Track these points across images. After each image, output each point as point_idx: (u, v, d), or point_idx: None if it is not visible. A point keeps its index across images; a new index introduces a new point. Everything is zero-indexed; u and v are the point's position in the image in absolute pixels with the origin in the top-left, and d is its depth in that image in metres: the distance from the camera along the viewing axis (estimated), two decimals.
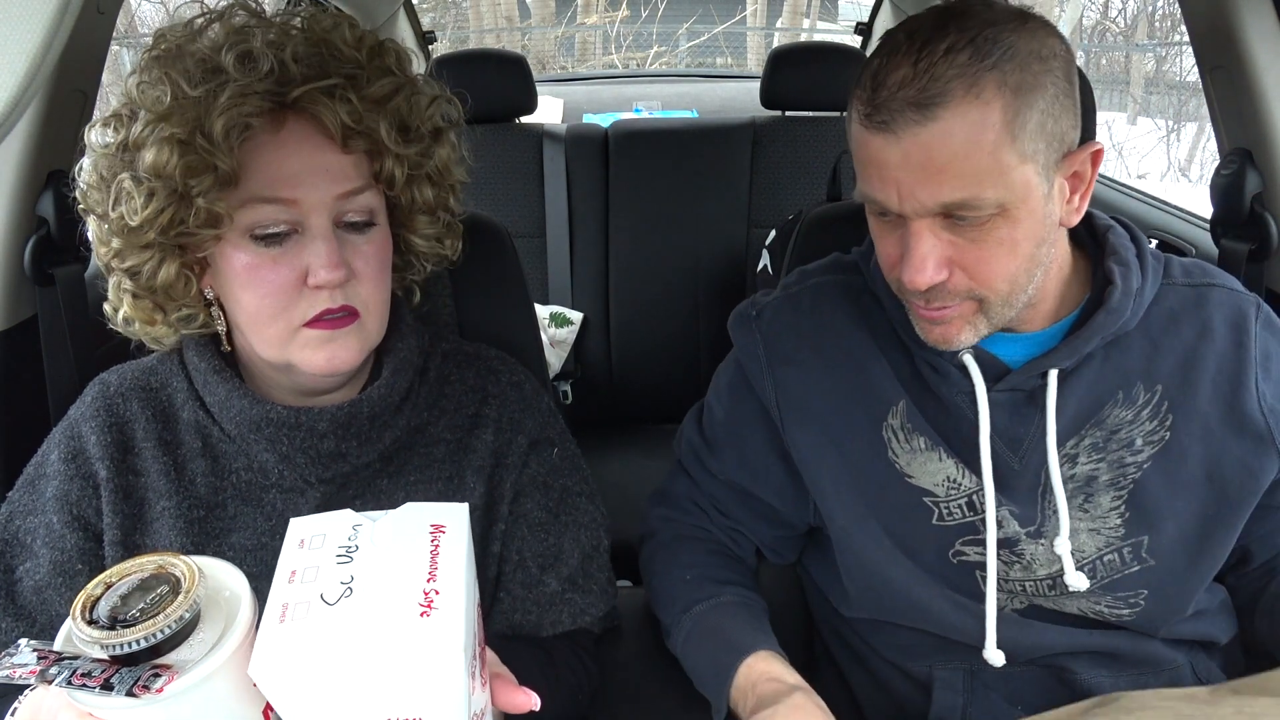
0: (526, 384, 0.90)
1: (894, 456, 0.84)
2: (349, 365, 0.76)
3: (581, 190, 2.12)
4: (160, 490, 0.78)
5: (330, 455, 0.78)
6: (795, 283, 0.93)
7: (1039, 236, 0.73)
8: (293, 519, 0.53)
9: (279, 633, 0.46)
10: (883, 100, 0.69)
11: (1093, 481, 0.80)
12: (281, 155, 0.71)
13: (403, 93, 0.76)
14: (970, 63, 0.67)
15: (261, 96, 0.69)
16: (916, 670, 0.88)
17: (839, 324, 0.88)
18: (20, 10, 0.69)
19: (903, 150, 0.69)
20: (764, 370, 0.89)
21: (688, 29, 8.26)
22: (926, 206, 0.70)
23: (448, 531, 0.52)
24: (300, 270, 0.72)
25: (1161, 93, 8.06)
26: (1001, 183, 0.68)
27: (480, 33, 8.24)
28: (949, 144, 0.67)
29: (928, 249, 0.71)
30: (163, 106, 0.68)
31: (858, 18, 2.84)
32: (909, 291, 0.75)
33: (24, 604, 0.76)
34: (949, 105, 0.67)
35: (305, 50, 0.72)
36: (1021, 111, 0.68)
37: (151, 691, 0.46)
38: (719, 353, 0.97)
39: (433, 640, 0.46)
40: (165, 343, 0.80)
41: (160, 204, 0.68)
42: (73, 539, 0.77)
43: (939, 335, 0.78)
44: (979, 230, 0.71)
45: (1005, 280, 0.73)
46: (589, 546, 0.88)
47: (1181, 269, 0.85)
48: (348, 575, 0.49)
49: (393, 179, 0.77)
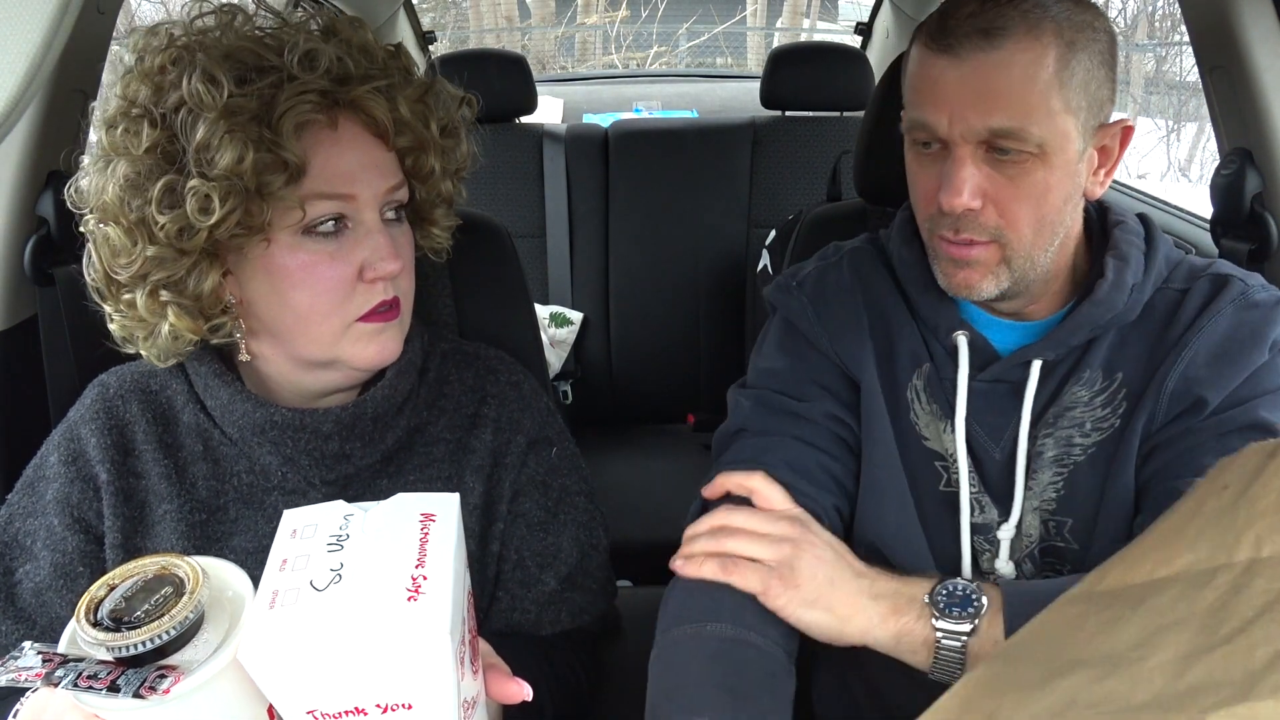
0: (525, 384, 0.90)
1: (915, 418, 0.86)
2: (395, 356, 0.78)
3: (581, 190, 2.12)
4: (161, 493, 0.78)
5: (334, 456, 0.79)
6: (831, 253, 0.95)
7: (1067, 193, 0.76)
8: (286, 510, 0.54)
9: (268, 619, 0.46)
10: (950, 26, 0.73)
11: (1038, 458, 0.81)
12: (338, 151, 0.72)
13: (433, 91, 0.79)
14: (1032, 9, 0.72)
15: (320, 94, 0.70)
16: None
17: (876, 287, 0.90)
18: (20, 10, 0.69)
19: (962, 73, 0.73)
20: (816, 326, 0.90)
21: (688, 29, 8.26)
22: (975, 129, 0.73)
23: (438, 519, 0.53)
24: (356, 265, 0.73)
25: (1161, 93, 8.05)
26: (1047, 122, 0.72)
27: (480, 33, 8.24)
28: (1008, 72, 0.72)
29: (968, 174, 0.74)
30: (219, 104, 0.67)
31: (858, 18, 2.84)
32: (944, 221, 0.77)
33: (24, 606, 0.76)
34: (1012, 37, 0.72)
35: (349, 51, 0.74)
36: (1070, 63, 0.72)
37: (158, 693, 0.46)
38: (719, 352, 0.97)
39: (419, 624, 0.46)
40: (172, 357, 0.77)
41: (234, 203, 0.67)
42: (74, 541, 0.77)
43: (962, 280, 0.79)
44: (1017, 168, 0.74)
45: (1031, 226, 0.76)
46: (588, 546, 0.88)
47: (1188, 271, 0.82)
48: (337, 562, 0.49)
49: (431, 173, 0.79)
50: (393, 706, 0.47)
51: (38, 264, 1.06)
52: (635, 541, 0.97)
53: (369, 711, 0.47)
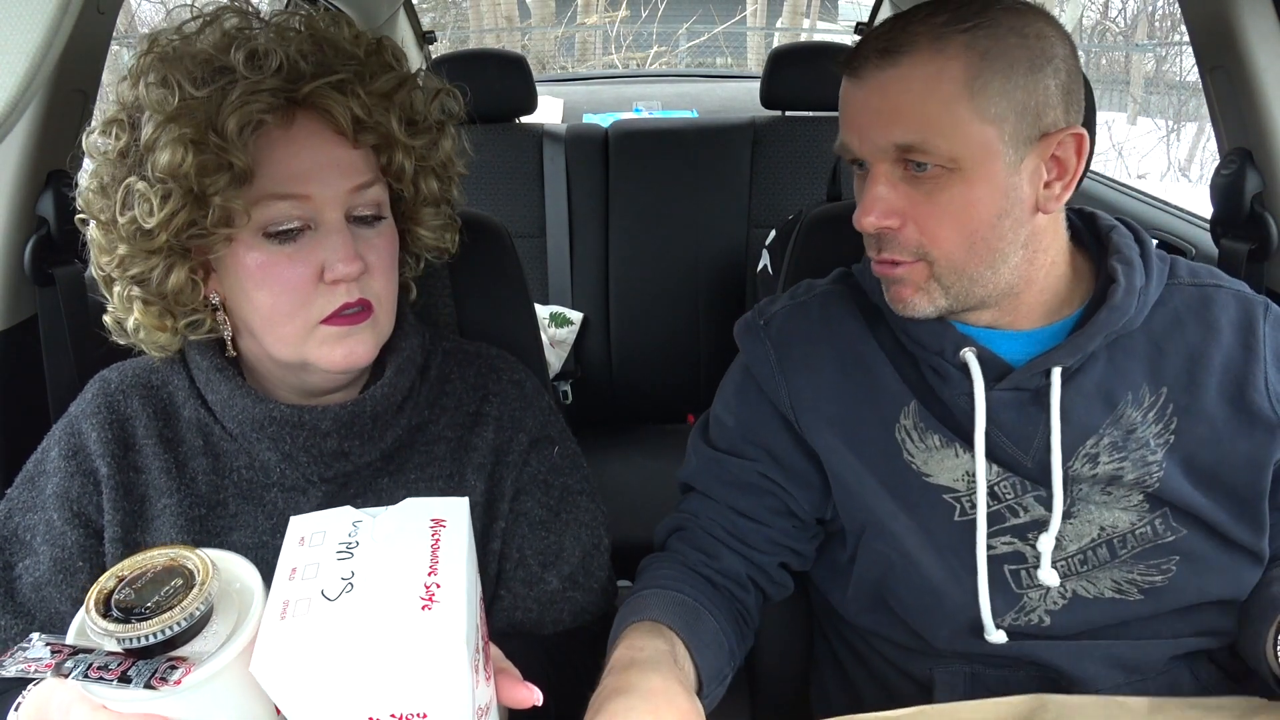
0: (527, 382, 0.90)
1: (909, 457, 0.84)
2: (365, 360, 0.76)
3: (581, 190, 2.12)
4: (161, 488, 0.78)
5: (333, 454, 0.78)
6: (803, 292, 0.93)
7: (999, 208, 0.75)
8: (293, 517, 0.53)
9: (280, 630, 0.46)
10: (859, 50, 0.76)
11: (1116, 480, 0.80)
12: (292, 151, 0.71)
13: (406, 86, 0.77)
14: (944, 24, 0.73)
15: (272, 93, 0.69)
16: (917, 671, 0.88)
17: (847, 331, 0.88)
18: (20, 10, 0.69)
19: (865, 92, 0.75)
20: (776, 375, 0.88)
21: (688, 29, 8.26)
22: (880, 146, 0.75)
23: (448, 525, 0.52)
24: (316, 266, 0.72)
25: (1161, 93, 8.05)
26: (955, 135, 0.72)
27: (480, 33, 8.24)
28: (906, 86, 0.73)
29: (880, 192, 0.76)
30: (170, 107, 0.67)
31: (858, 18, 2.84)
32: (869, 241, 0.80)
33: (23, 601, 0.76)
34: (911, 54, 0.73)
35: (310, 48, 0.73)
36: (984, 73, 0.72)
37: (169, 683, 0.47)
38: (719, 353, 0.97)
39: (435, 633, 0.46)
40: (169, 350, 0.80)
41: (175, 205, 0.68)
42: (73, 536, 0.76)
43: (894, 295, 0.81)
44: (933, 184, 0.74)
45: (956, 244, 0.76)
46: (590, 545, 0.88)
47: (1188, 270, 0.85)
48: (348, 571, 0.49)
49: (402, 171, 0.78)
50: (408, 716, 0.47)
51: (38, 264, 1.06)
52: (635, 541, 0.97)
53: None
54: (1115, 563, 0.81)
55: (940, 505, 0.83)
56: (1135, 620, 0.82)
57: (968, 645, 0.84)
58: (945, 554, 0.83)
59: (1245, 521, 0.80)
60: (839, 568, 0.90)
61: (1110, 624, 0.82)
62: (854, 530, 0.86)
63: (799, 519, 0.89)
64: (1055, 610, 0.82)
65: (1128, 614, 0.82)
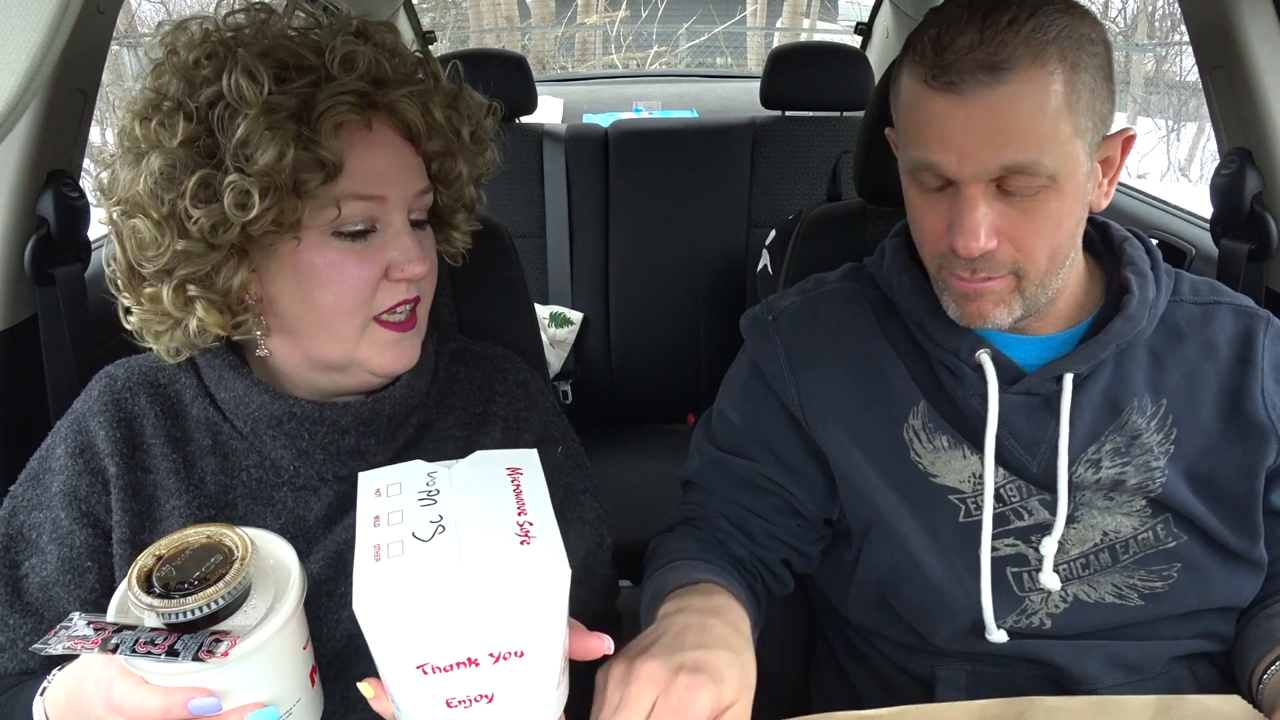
0: (532, 382, 0.90)
1: (916, 457, 0.84)
2: (412, 364, 0.79)
3: (581, 190, 2.12)
4: (169, 488, 0.77)
5: (349, 451, 0.79)
6: (812, 288, 0.93)
7: (1079, 214, 0.76)
8: (361, 473, 0.54)
9: (377, 570, 0.46)
10: (950, 62, 0.70)
11: (1119, 486, 0.81)
12: (371, 153, 0.72)
13: (464, 95, 0.80)
14: (1034, 34, 0.69)
15: (356, 95, 0.70)
16: (918, 670, 0.89)
17: (857, 328, 0.88)
18: (20, 10, 0.69)
19: (969, 111, 0.70)
20: (785, 373, 0.88)
21: (688, 29, 8.26)
22: (987, 169, 0.71)
23: (524, 472, 0.53)
24: (382, 265, 0.74)
25: (1161, 93, 8.05)
26: (1059, 152, 0.70)
27: (480, 33, 8.24)
28: (1017, 107, 0.69)
29: (981, 215, 0.72)
30: (260, 101, 0.67)
31: (858, 18, 2.84)
32: (957, 262, 0.75)
33: (30, 600, 0.75)
34: (1018, 70, 0.69)
35: (386, 54, 0.74)
36: (1077, 86, 0.70)
37: (217, 655, 0.48)
38: (719, 352, 0.97)
39: (536, 567, 0.46)
40: (182, 354, 0.78)
41: (272, 199, 0.68)
42: (82, 535, 0.76)
43: (974, 311, 0.78)
44: (1030, 201, 0.72)
45: (1047, 255, 0.75)
46: (593, 544, 0.88)
47: (1191, 287, 0.86)
48: (435, 515, 0.49)
49: (458, 179, 0.80)
50: (505, 655, 0.47)
51: (38, 264, 1.06)
52: (635, 541, 0.97)
53: (481, 662, 0.47)
54: (1116, 568, 0.82)
55: (945, 506, 0.83)
56: (1135, 624, 0.82)
57: (969, 644, 0.84)
58: (949, 555, 0.83)
59: (1240, 528, 0.81)
60: (841, 567, 0.90)
61: (1111, 627, 0.83)
62: (859, 529, 0.86)
63: (804, 518, 0.89)
64: (1056, 613, 0.82)
65: (1128, 618, 0.82)
